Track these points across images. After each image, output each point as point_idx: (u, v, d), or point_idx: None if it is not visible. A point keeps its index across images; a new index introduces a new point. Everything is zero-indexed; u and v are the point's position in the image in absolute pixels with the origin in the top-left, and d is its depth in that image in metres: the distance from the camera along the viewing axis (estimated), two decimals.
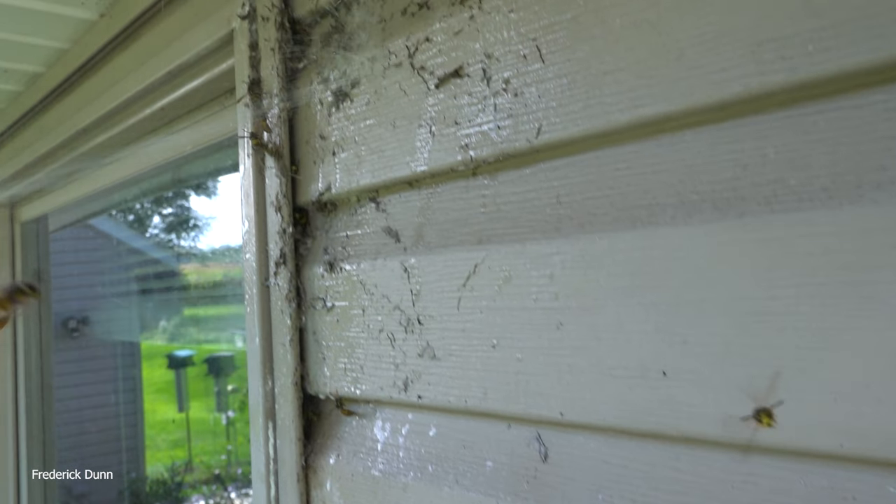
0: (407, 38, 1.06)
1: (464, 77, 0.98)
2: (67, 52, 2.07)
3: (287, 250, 1.23)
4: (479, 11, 0.95)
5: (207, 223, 11.77)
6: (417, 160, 1.04)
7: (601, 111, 0.82)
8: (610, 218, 0.82)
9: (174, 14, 1.58)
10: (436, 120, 1.01)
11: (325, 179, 1.20)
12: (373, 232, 1.14)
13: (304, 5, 1.25)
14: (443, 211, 1.02)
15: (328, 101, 1.20)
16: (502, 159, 0.93)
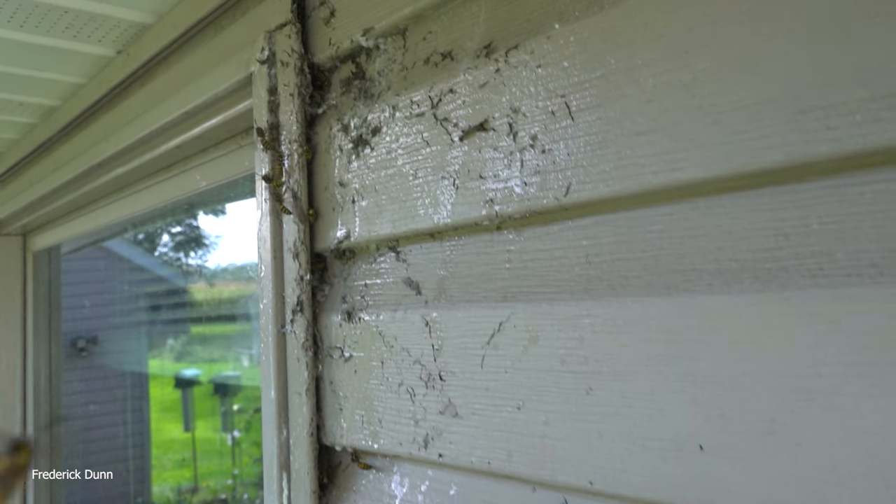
0: (430, 88, 1.03)
1: (489, 131, 0.95)
2: (83, 88, 2.06)
3: (304, 298, 1.19)
4: (506, 65, 0.93)
5: (215, 242, 11.74)
6: (440, 212, 1.01)
7: (634, 172, 0.79)
8: (643, 282, 0.79)
9: (192, 54, 1.56)
10: (459, 172, 0.98)
11: (345, 227, 1.17)
12: (393, 282, 1.10)
13: (323, 51, 1.22)
14: (466, 265, 0.99)
15: (348, 148, 1.17)
16: (529, 216, 0.90)
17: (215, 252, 11.58)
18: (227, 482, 8.77)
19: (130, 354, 8.18)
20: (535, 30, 0.90)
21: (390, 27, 1.11)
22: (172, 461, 9.31)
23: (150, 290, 8.57)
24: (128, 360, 8.13)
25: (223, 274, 10.19)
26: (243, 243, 8.78)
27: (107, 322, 7.97)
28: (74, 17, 1.65)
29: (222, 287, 9.77)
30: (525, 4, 0.93)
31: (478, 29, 0.99)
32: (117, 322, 8.11)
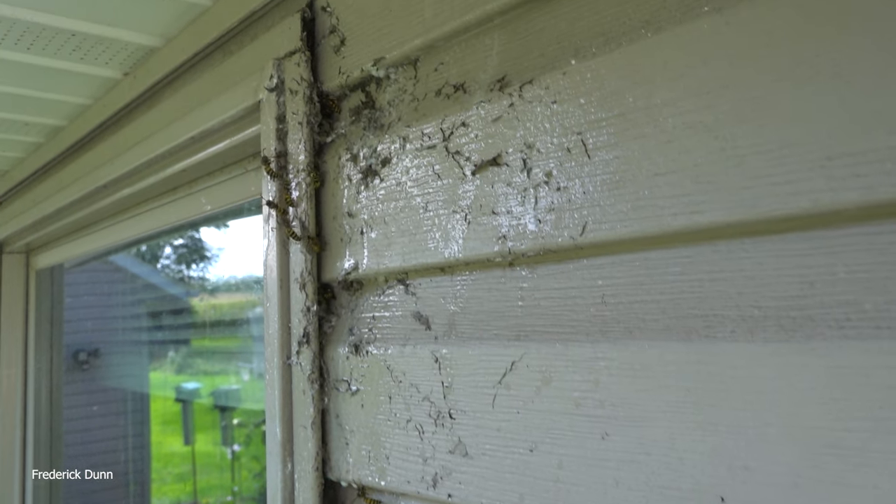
0: (441, 120, 1.01)
1: (502, 166, 0.92)
2: (89, 109, 2.04)
3: (311, 329, 1.17)
4: (520, 100, 0.91)
5: (217, 254, 11.70)
6: (451, 247, 0.98)
7: (652, 213, 0.76)
8: (661, 325, 0.76)
9: (199, 79, 1.54)
10: (471, 207, 0.96)
11: (353, 258, 1.14)
12: (401, 316, 1.08)
13: (333, 79, 1.20)
14: (477, 301, 0.97)
15: (357, 178, 1.15)
16: (543, 253, 0.88)
17: (217, 265, 11.54)
18: (226, 499, 8.70)
19: (131, 367, 8.13)
20: (551, 65, 0.88)
21: (401, 57, 1.09)
22: (172, 475, 9.24)
23: (152, 303, 8.54)
24: (129, 373, 8.09)
25: (225, 286, 10.16)
26: (245, 256, 8.75)
27: (108, 335, 7.92)
28: (82, 40, 1.64)
29: (224, 299, 9.73)
30: (539, 39, 0.91)
31: (491, 62, 0.97)
32: (119, 335, 8.07)
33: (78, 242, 2.46)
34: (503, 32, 0.96)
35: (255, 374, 7.75)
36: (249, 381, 8.56)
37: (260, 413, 7.55)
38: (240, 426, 9.54)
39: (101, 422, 7.80)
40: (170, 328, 8.78)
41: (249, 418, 8.84)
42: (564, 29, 0.88)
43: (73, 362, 7.67)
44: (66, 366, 7.71)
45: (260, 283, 5.70)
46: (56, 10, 1.51)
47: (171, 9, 1.50)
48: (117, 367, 7.97)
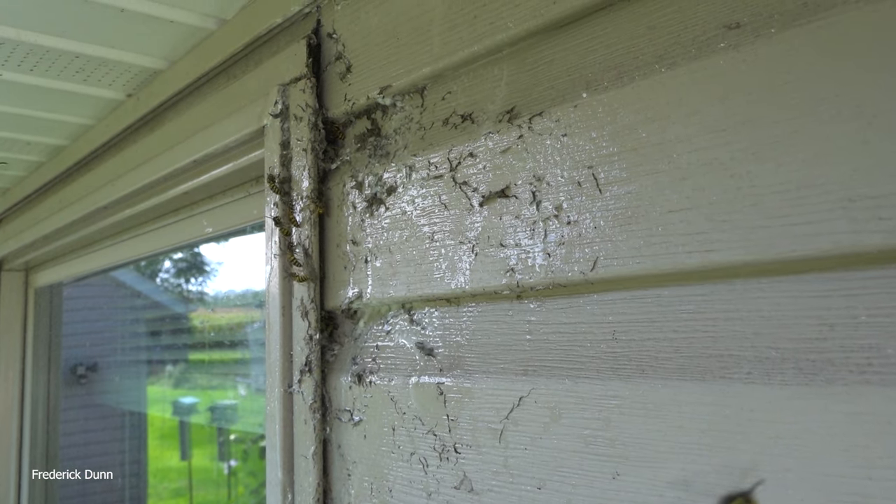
0: (449, 150, 0.99)
1: (511, 198, 0.90)
2: (92, 129, 2.02)
3: (313, 357, 1.14)
4: (530, 132, 0.89)
5: (216, 269, 11.63)
6: (458, 278, 0.96)
7: (666, 251, 0.74)
8: (675, 364, 0.74)
9: (203, 102, 1.52)
10: (479, 239, 0.94)
11: (356, 286, 1.12)
12: (406, 346, 1.05)
13: (338, 106, 1.19)
14: (484, 333, 0.94)
15: (362, 206, 1.13)
16: (552, 287, 0.86)
17: (216, 279, 11.48)
18: None
19: (129, 382, 8.05)
20: (561, 97, 0.86)
21: (408, 85, 1.07)
22: (168, 490, 9.12)
23: (150, 317, 8.47)
24: (127, 387, 8.02)
25: (223, 301, 10.09)
26: (244, 270, 8.71)
27: (106, 349, 7.85)
28: (85, 62, 1.62)
29: (222, 314, 9.65)
30: (549, 71, 0.89)
31: (499, 92, 0.95)
32: (117, 349, 8.00)
33: (77, 261, 2.43)
34: (512, 63, 0.94)
35: (253, 389, 7.68)
36: (247, 397, 8.49)
37: (256, 428, 7.48)
38: (237, 442, 9.44)
39: (98, 436, 7.71)
40: (168, 342, 8.71)
41: (246, 434, 8.76)
42: (575, 62, 0.86)
43: (70, 376, 7.60)
44: (64, 380, 7.62)
45: (258, 298, 5.62)
46: (60, 33, 1.49)
47: (175, 33, 1.49)
48: (115, 382, 7.89)
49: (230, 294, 10.70)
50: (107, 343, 8.03)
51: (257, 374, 7.00)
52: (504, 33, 0.93)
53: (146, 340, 8.37)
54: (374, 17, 1.13)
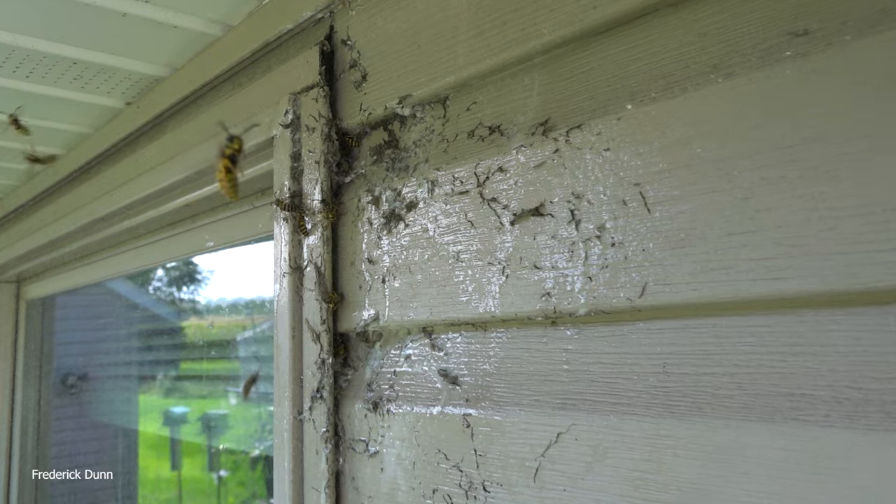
0: (476, 164, 0.92)
1: (546, 216, 0.83)
2: (89, 138, 1.93)
3: (325, 383, 1.06)
4: (567, 146, 0.81)
5: (207, 277, 11.48)
6: (486, 301, 0.88)
7: (726, 277, 0.67)
8: (737, 403, 0.67)
9: (207, 112, 1.45)
10: (510, 259, 0.86)
11: (373, 308, 1.04)
12: (427, 373, 0.98)
13: (353, 116, 1.11)
14: (515, 361, 0.87)
15: (379, 223, 1.05)
16: (594, 314, 0.78)
17: (207, 287, 11.33)
18: None
19: (121, 392, 7.91)
20: (603, 109, 0.79)
21: (430, 95, 1.00)
22: (158, 501, 8.97)
23: (142, 326, 8.34)
24: (118, 397, 7.87)
25: (215, 309, 9.95)
26: (235, 279, 8.59)
27: (98, 358, 7.71)
28: (83, 69, 1.54)
29: (213, 321, 9.51)
30: (587, 80, 0.82)
31: (531, 102, 0.88)
32: (109, 358, 7.86)
33: (72, 274, 2.33)
34: (544, 72, 0.87)
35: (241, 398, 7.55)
36: (237, 406, 8.37)
37: (247, 438, 7.37)
38: (227, 452, 9.29)
39: (89, 447, 7.56)
40: (160, 351, 8.58)
41: (237, 444, 8.62)
42: (616, 71, 0.79)
43: (61, 386, 7.45)
44: (55, 390, 7.48)
45: (250, 307, 5.47)
46: (58, 38, 1.41)
47: (178, 39, 1.41)
48: (106, 392, 7.75)
49: (222, 302, 10.58)
50: (98, 352, 7.88)
51: None
52: (537, 40, 0.86)
53: (138, 350, 8.23)
54: (392, 24, 1.06)
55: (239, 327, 7.93)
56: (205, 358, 8.93)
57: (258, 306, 6.90)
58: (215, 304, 10.77)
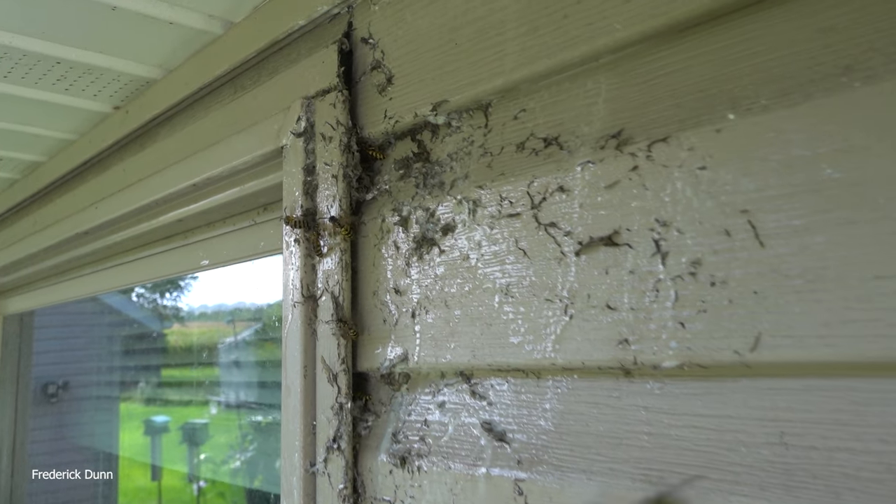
0: (529, 182, 0.77)
1: (622, 246, 0.68)
2: (72, 145, 1.77)
3: (343, 431, 0.91)
4: (648, 162, 0.67)
5: (189, 283, 11.24)
6: (543, 345, 0.74)
7: (872, 331, 0.53)
8: (888, 490, 0.52)
9: (205, 118, 1.29)
10: (575, 297, 0.72)
11: (400, 346, 0.89)
12: (466, 424, 0.83)
13: (375, 125, 0.96)
14: (579, 418, 0.72)
15: (408, 247, 0.90)
16: (687, 367, 0.64)
17: (190, 293, 11.09)
18: None
19: (101, 401, 7.68)
20: (694, 119, 0.65)
21: (470, 101, 0.85)
22: None
23: (124, 333, 8.12)
24: (98, 406, 7.64)
25: (198, 316, 9.71)
26: (217, 286, 8.38)
27: (79, 367, 7.48)
28: (67, 69, 1.38)
29: (195, 329, 9.28)
30: (672, 85, 0.68)
31: (597, 111, 0.74)
32: (90, 366, 7.63)
33: (53, 289, 2.16)
34: (613, 75, 0.73)
35: (223, 406, 7.36)
36: (217, 415, 8.16)
37: (226, 448, 7.17)
38: (207, 461, 9.05)
39: (69, 457, 7.31)
40: (142, 359, 8.35)
41: (217, 454, 8.39)
42: (709, 73, 0.65)
43: (41, 395, 7.20)
44: (34, 399, 7.23)
45: (232, 314, 5.27)
46: (39, 34, 1.25)
47: (174, 36, 1.25)
48: (87, 401, 7.52)
49: (204, 309, 10.36)
50: (80, 361, 7.65)
51: (227, 391, 6.67)
52: (608, 37, 0.71)
53: (120, 357, 7.99)
54: (424, 19, 0.91)
55: (219, 335, 7.71)
56: (186, 365, 8.70)
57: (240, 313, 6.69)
58: (198, 311, 10.53)
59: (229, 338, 6.58)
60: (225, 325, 6.86)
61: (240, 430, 6.44)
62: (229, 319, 6.69)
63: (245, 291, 6.17)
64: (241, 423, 6.50)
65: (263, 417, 5.97)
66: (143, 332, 8.46)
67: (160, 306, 11.06)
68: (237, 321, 6.57)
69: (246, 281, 6.50)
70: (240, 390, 7.35)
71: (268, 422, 5.81)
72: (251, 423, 6.46)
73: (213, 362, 7.64)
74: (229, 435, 6.63)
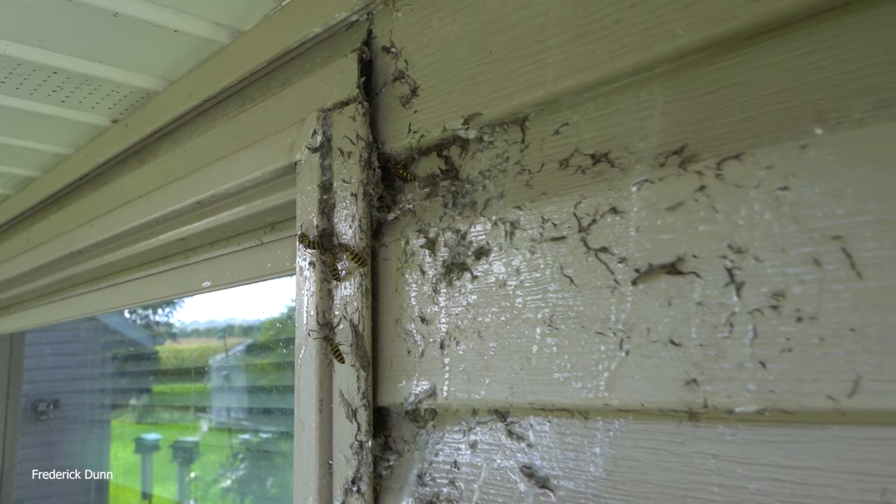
0: (576, 203, 0.70)
1: (686, 275, 0.61)
2: (67, 159, 1.68)
3: (364, 472, 0.82)
4: (718, 182, 0.60)
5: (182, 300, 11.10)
6: (594, 382, 0.66)
7: None
8: None
9: (210, 132, 1.21)
10: (632, 330, 0.64)
11: (427, 380, 0.81)
12: (503, 468, 0.74)
13: (398, 139, 0.89)
14: (635, 465, 0.64)
15: (435, 272, 0.82)
16: (768, 412, 0.56)
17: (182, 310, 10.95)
18: None
19: (93, 419, 7.52)
20: (772, 134, 0.58)
21: (506, 114, 0.78)
22: None
23: (117, 351, 7.98)
24: (89, 425, 7.47)
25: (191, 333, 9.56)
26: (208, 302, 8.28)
27: (71, 385, 7.32)
28: (65, 80, 1.30)
29: (185, 346, 9.14)
30: (742, 96, 0.60)
31: (652, 125, 0.66)
32: (82, 384, 7.48)
33: (46, 309, 2.06)
34: (670, 85, 0.66)
35: (214, 423, 7.22)
36: (208, 433, 8.01)
37: (217, 467, 7.03)
38: (196, 480, 8.88)
39: (59, 475, 7.13)
40: (134, 376, 8.21)
41: (206, 472, 8.24)
42: (789, 83, 0.58)
43: (31, 413, 7.03)
44: (24, 417, 7.06)
45: (225, 331, 5.12)
46: (35, 42, 1.17)
47: (178, 46, 1.18)
48: (78, 419, 7.36)
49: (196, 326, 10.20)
50: (71, 378, 7.49)
51: (219, 410, 6.53)
52: (667, 44, 0.64)
53: (112, 375, 7.84)
54: (452, 25, 0.84)
55: (210, 353, 7.58)
56: (178, 382, 8.54)
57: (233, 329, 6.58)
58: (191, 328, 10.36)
59: (220, 354, 6.46)
60: (217, 342, 6.74)
61: (231, 448, 6.31)
62: (221, 336, 6.57)
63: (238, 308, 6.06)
64: (232, 442, 6.37)
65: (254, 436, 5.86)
66: (135, 348, 8.31)
67: (153, 323, 10.89)
68: (229, 337, 6.46)
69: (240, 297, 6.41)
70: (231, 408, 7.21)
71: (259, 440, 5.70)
72: (242, 442, 6.34)
73: (204, 379, 7.49)
74: (220, 453, 6.49)
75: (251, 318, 6.19)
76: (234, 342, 7.25)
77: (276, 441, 3.42)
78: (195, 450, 8.79)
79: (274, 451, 3.58)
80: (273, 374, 3.73)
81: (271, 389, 3.79)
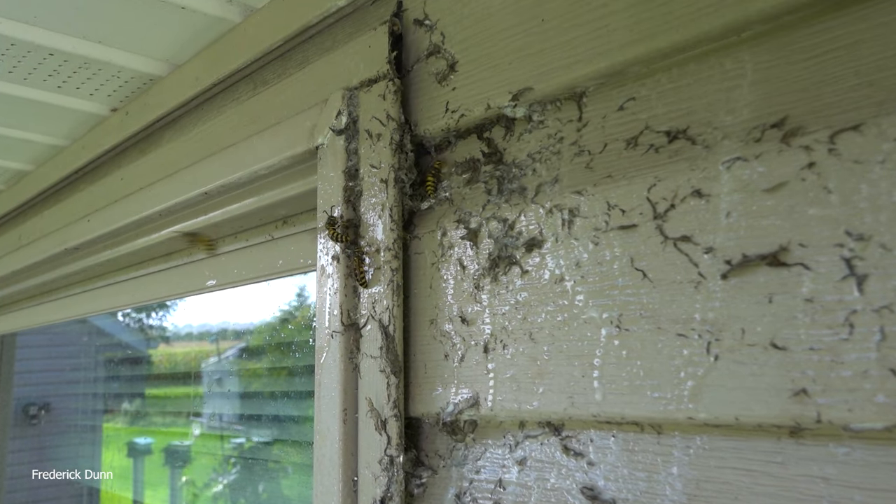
0: (649, 186, 0.60)
1: (792, 267, 0.51)
2: (63, 151, 1.58)
3: (395, 491, 0.72)
4: (832, 157, 0.50)
5: (175, 303, 10.95)
6: (674, 392, 0.56)
7: None
8: None
9: (218, 117, 1.11)
10: (723, 331, 0.54)
11: (468, 388, 0.71)
12: (558, 489, 0.64)
13: (433, 120, 0.79)
14: (724, 488, 0.54)
15: (478, 266, 0.73)
16: (892, 429, 0.46)
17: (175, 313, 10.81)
18: None
19: (84, 423, 7.37)
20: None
21: (561, 89, 0.68)
22: None
23: (109, 355, 7.85)
24: (81, 429, 7.32)
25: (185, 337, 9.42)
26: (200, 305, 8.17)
27: (62, 388, 7.18)
28: (62, 63, 1.20)
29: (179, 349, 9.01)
30: (856, 59, 0.51)
31: (741, 96, 0.57)
32: (74, 388, 7.34)
33: (38, 310, 1.95)
34: (762, 51, 0.56)
35: (206, 427, 7.10)
36: (200, 437, 7.89)
37: (209, 471, 6.90)
38: (188, 484, 8.74)
39: (49, 481, 6.98)
40: (126, 380, 8.08)
41: (198, 477, 8.11)
42: None
43: (22, 417, 6.88)
44: (15, 421, 6.91)
45: (219, 335, 5.01)
46: (30, 20, 1.07)
47: (184, 25, 1.08)
48: (69, 423, 7.21)
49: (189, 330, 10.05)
50: (63, 381, 7.34)
51: (210, 414, 6.41)
52: (762, 2, 0.55)
53: (104, 378, 7.69)
54: None
55: (203, 356, 7.45)
56: (170, 386, 8.40)
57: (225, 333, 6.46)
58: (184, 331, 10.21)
59: (213, 357, 6.34)
60: (209, 345, 6.62)
61: (223, 452, 6.18)
62: (213, 339, 6.45)
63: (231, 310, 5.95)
64: (223, 446, 6.24)
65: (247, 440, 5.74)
66: (128, 352, 8.16)
67: (146, 326, 10.73)
68: (221, 340, 6.34)
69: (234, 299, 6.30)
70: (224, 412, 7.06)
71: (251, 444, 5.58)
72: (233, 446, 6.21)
73: (196, 384, 7.35)
74: (210, 458, 6.36)
75: (244, 321, 6.07)
76: (226, 345, 7.13)
77: (269, 446, 3.31)
78: (187, 454, 8.64)
79: (266, 457, 3.48)
80: (266, 378, 3.62)
81: (264, 394, 3.68)
